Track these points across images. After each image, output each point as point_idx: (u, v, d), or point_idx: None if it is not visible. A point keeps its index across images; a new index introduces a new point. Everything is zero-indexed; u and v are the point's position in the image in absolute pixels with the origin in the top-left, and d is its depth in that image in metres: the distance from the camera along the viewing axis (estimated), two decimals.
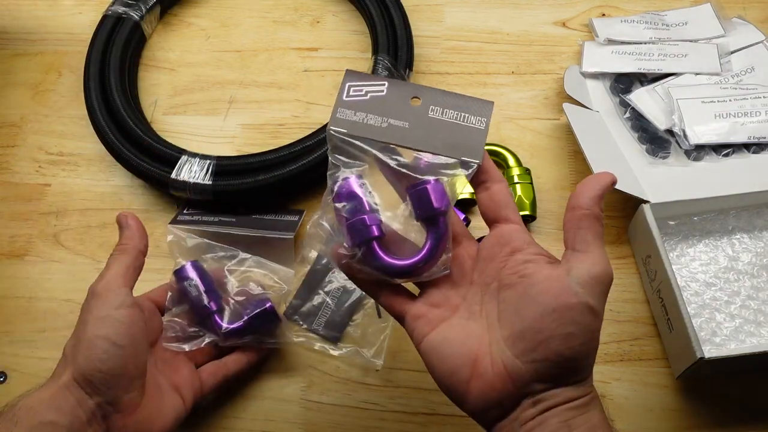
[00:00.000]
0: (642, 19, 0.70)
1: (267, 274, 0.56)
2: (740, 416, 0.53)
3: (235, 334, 0.52)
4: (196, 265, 0.53)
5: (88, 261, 0.62)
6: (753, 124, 0.61)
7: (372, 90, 0.43)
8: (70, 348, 0.44)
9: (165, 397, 0.48)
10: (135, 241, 0.47)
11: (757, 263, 0.57)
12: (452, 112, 0.43)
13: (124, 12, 0.70)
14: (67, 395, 0.41)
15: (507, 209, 0.41)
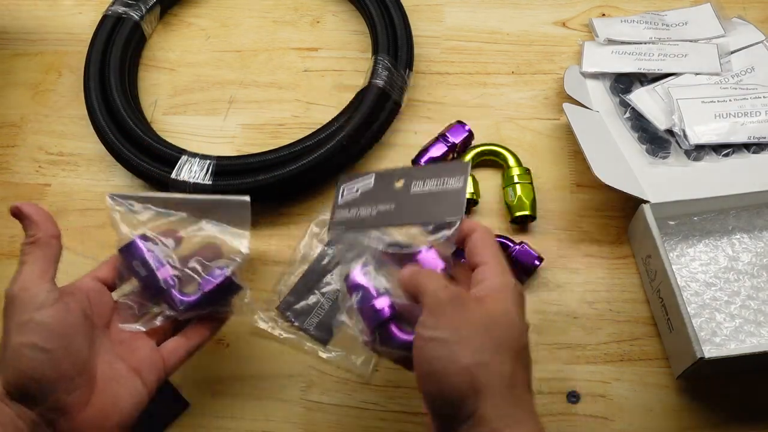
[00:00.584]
0: (642, 19, 0.70)
1: (223, 239, 0.50)
2: (740, 416, 0.53)
3: (194, 307, 0.48)
4: (145, 238, 0.48)
5: (88, 261, 0.62)
6: (753, 124, 0.61)
7: (362, 186, 0.48)
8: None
9: (122, 384, 0.44)
10: (42, 228, 0.44)
11: (757, 263, 0.57)
12: (432, 181, 0.46)
13: (124, 12, 0.70)
14: (3, 409, 0.39)
15: (477, 255, 0.42)
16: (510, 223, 0.60)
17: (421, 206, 0.45)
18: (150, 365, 0.46)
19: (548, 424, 0.53)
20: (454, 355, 0.37)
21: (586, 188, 0.63)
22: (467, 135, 0.63)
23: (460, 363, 0.36)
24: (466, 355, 0.37)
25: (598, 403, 0.53)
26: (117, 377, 0.44)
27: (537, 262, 0.57)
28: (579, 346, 0.56)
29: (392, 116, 0.65)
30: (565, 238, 0.60)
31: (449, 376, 0.36)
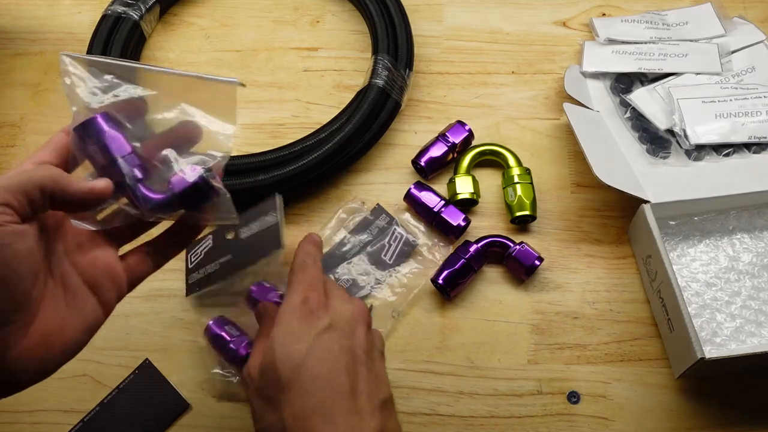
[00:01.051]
0: (642, 19, 0.70)
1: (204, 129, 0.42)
2: (741, 416, 0.53)
3: (162, 207, 0.39)
4: (107, 117, 0.38)
5: None
6: (754, 123, 0.61)
7: (204, 247, 0.57)
8: None
9: (72, 305, 0.37)
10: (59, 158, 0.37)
11: (757, 263, 0.57)
12: (255, 223, 0.54)
13: (124, 11, 0.69)
14: None
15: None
16: (510, 223, 0.60)
17: (250, 248, 0.52)
18: (110, 279, 0.38)
19: (548, 425, 0.53)
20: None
21: (586, 188, 0.63)
22: (467, 135, 0.63)
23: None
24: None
25: (598, 404, 0.53)
26: (68, 297, 0.36)
27: (537, 262, 0.57)
28: (579, 347, 0.55)
29: (392, 116, 0.65)
30: (565, 238, 0.60)
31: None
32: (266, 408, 0.39)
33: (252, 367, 0.41)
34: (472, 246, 0.57)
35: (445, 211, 0.59)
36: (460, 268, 0.56)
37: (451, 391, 0.55)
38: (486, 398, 0.54)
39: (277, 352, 0.39)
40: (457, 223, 0.58)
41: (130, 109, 0.39)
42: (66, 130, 0.38)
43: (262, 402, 0.39)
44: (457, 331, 0.57)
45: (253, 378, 0.41)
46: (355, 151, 0.62)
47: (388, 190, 0.63)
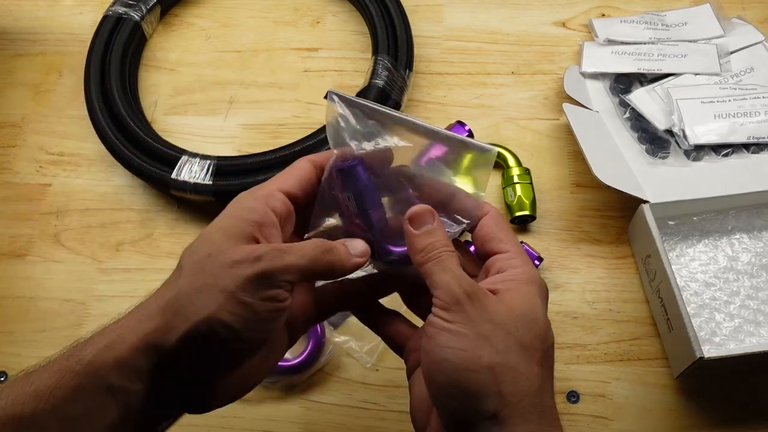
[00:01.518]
0: (642, 20, 0.70)
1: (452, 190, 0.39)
2: (740, 416, 0.53)
3: (402, 262, 0.39)
4: (365, 166, 0.37)
5: (89, 261, 0.62)
6: (752, 124, 0.61)
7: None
8: (179, 300, 0.33)
9: (273, 344, 0.37)
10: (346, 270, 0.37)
11: (756, 263, 0.57)
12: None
13: (125, 12, 0.70)
14: (152, 355, 0.33)
15: (492, 242, 0.38)
16: (510, 223, 0.60)
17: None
18: (303, 315, 0.39)
19: None
20: (475, 351, 0.33)
21: (586, 188, 0.63)
22: (467, 135, 0.63)
23: (481, 361, 0.33)
24: (489, 354, 0.33)
25: (597, 403, 0.53)
26: (272, 336, 0.36)
27: (537, 262, 0.57)
28: (579, 346, 0.56)
29: None
30: (565, 238, 0.60)
31: (468, 371, 0.33)
32: (511, 343, 0.34)
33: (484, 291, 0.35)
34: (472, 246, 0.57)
35: None
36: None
37: None
38: None
39: (541, 316, 0.35)
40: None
41: (380, 158, 0.38)
42: (311, 159, 0.38)
43: (505, 333, 0.34)
44: None
45: (492, 303, 0.35)
46: None
47: None
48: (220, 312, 0.32)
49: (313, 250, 0.35)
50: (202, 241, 0.35)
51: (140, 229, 0.63)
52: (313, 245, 0.35)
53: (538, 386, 0.33)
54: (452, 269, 0.35)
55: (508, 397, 0.32)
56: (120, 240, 0.63)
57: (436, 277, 0.35)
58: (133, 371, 0.32)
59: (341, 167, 0.37)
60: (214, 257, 0.33)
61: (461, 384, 0.33)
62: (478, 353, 0.33)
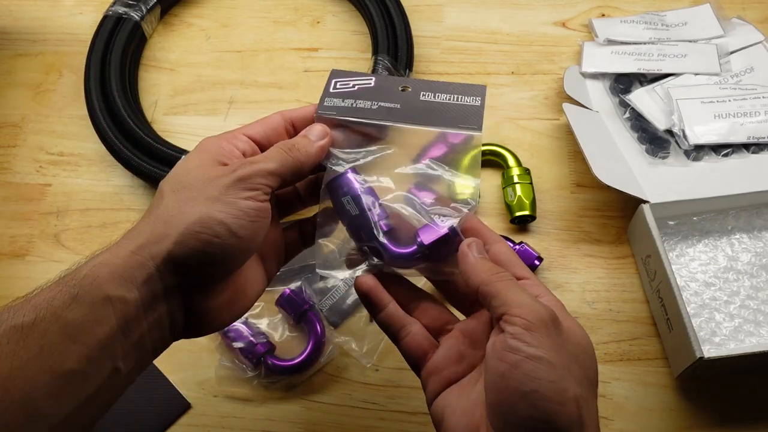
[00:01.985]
0: (642, 20, 0.70)
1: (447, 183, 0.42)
2: (740, 416, 0.53)
3: (407, 258, 0.40)
4: (357, 173, 0.41)
5: None
6: (752, 124, 0.61)
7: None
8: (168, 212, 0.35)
9: (251, 273, 0.40)
10: (311, 158, 0.39)
11: (756, 263, 0.57)
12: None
13: (125, 12, 0.70)
14: (147, 265, 0.34)
15: (515, 267, 0.39)
16: (510, 223, 0.60)
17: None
18: (275, 253, 0.42)
19: None
20: (561, 383, 0.32)
21: (586, 188, 0.63)
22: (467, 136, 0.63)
23: (568, 393, 0.32)
24: (573, 386, 0.32)
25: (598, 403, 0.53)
26: (249, 266, 0.40)
27: (537, 262, 0.57)
28: None
29: None
30: (565, 238, 0.60)
31: (558, 404, 0.32)
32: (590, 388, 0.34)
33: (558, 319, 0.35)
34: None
35: None
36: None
37: None
38: None
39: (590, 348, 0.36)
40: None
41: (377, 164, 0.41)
42: (282, 112, 0.42)
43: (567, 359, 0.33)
44: None
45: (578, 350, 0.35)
46: None
47: None
48: (210, 211, 0.35)
49: (279, 153, 0.38)
50: (178, 170, 0.38)
51: None
52: (277, 148, 0.39)
53: (597, 418, 0.34)
54: (529, 292, 0.35)
55: (588, 430, 0.32)
56: None
57: (516, 296, 0.34)
58: (128, 281, 0.33)
59: (335, 176, 0.40)
60: (193, 177, 0.36)
61: (551, 418, 0.32)
62: (565, 385, 0.32)
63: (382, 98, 0.42)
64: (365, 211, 0.40)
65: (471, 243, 0.38)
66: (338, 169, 0.40)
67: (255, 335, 0.55)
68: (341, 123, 0.41)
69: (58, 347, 0.31)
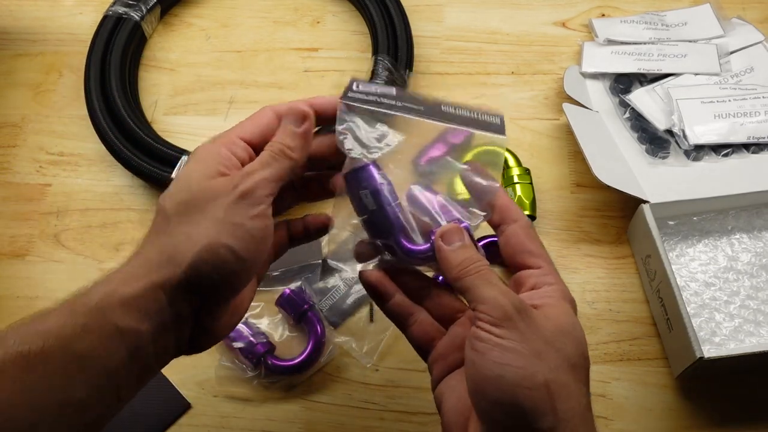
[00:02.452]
0: (642, 20, 0.70)
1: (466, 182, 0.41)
2: (740, 416, 0.53)
3: (421, 256, 0.40)
4: (379, 167, 0.40)
5: (89, 261, 0.62)
6: (752, 124, 0.61)
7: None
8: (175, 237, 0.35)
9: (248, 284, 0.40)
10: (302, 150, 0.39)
11: (756, 263, 0.57)
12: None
13: (125, 12, 0.70)
14: (158, 296, 0.34)
15: (523, 254, 0.38)
16: None
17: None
18: (266, 260, 0.42)
19: None
20: (530, 368, 0.33)
21: (586, 188, 0.63)
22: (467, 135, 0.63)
23: (537, 378, 0.33)
24: (543, 371, 0.33)
25: (597, 403, 0.53)
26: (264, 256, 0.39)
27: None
28: None
29: None
30: (565, 238, 0.60)
31: (525, 388, 0.32)
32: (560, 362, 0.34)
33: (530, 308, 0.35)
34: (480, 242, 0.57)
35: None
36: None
37: None
38: None
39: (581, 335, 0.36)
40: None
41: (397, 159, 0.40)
42: (274, 109, 0.40)
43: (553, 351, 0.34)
44: None
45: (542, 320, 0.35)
46: None
47: None
48: (219, 236, 0.35)
49: (272, 159, 0.38)
50: (179, 184, 0.37)
51: (140, 229, 0.63)
52: (270, 152, 0.38)
53: (585, 403, 0.34)
54: (497, 284, 0.35)
55: (561, 414, 0.33)
56: (120, 240, 0.63)
57: (481, 291, 0.35)
58: (140, 312, 0.33)
59: (356, 167, 0.39)
60: (195, 195, 0.36)
61: (518, 401, 0.32)
62: (534, 370, 0.33)
63: (405, 101, 0.41)
64: (383, 207, 0.39)
65: (445, 232, 0.38)
66: (359, 161, 0.39)
67: (255, 335, 0.55)
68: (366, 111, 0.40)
69: (66, 377, 0.31)
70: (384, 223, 0.39)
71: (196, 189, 0.36)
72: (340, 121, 0.39)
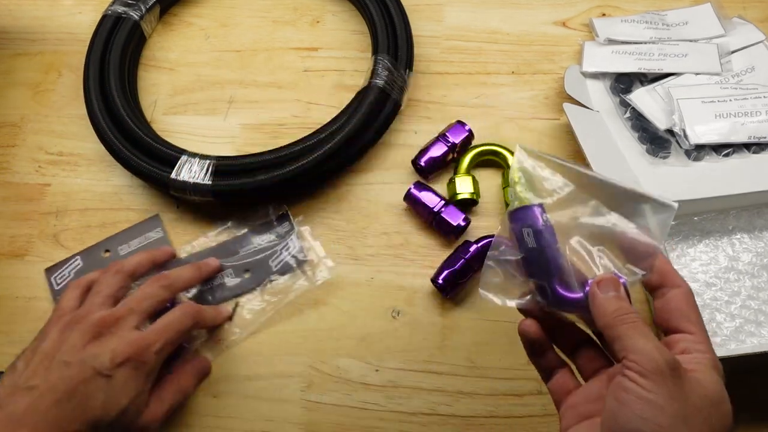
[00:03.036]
0: (642, 19, 0.70)
1: (630, 242, 0.41)
2: (740, 416, 0.52)
3: (571, 304, 0.40)
4: (543, 210, 0.41)
5: None
6: (753, 123, 0.61)
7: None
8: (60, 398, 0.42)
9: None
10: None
11: (757, 263, 0.57)
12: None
13: (124, 12, 0.70)
14: None
15: (680, 319, 0.38)
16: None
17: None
18: None
19: (549, 425, 0.53)
20: (670, 429, 0.32)
21: None
22: (467, 135, 0.63)
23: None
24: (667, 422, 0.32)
25: None
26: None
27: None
28: None
29: (392, 116, 0.65)
30: None
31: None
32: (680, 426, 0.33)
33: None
34: (472, 246, 0.57)
35: (445, 211, 0.59)
36: (460, 268, 0.56)
37: (451, 390, 0.55)
38: (486, 398, 0.54)
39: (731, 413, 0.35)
40: (457, 223, 0.58)
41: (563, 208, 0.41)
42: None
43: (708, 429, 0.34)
44: (457, 331, 0.57)
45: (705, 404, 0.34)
46: (355, 151, 0.62)
47: (388, 190, 0.63)
48: None
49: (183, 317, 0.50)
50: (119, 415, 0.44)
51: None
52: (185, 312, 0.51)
53: None
54: (652, 337, 0.35)
55: None
56: None
57: (634, 341, 0.34)
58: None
59: (523, 206, 0.41)
60: None
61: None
62: (674, 430, 0.32)
63: (577, 165, 0.42)
64: (543, 248, 0.40)
65: (601, 281, 0.38)
66: (527, 201, 0.41)
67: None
68: (541, 157, 0.42)
69: None
70: (542, 263, 0.40)
71: None
72: (517, 161, 0.41)
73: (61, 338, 0.45)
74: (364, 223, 0.62)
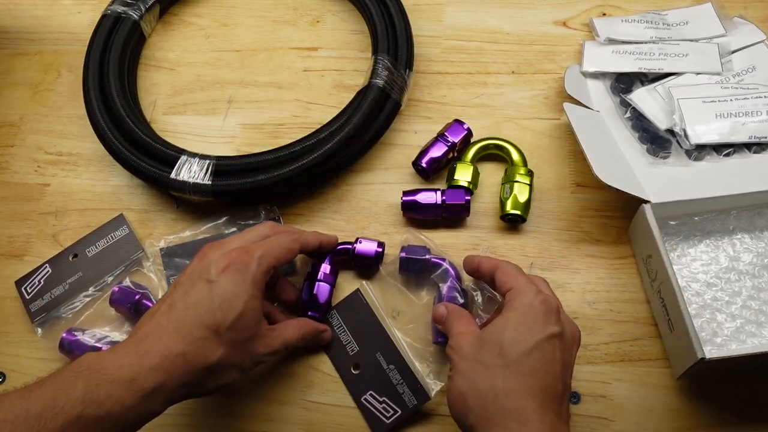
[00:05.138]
0: (643, 19, 0.70)
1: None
2: (741, 417, 0.52)
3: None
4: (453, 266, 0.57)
5: None
6: (754, 123, 0.61)
7: None
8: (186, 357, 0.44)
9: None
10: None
11: (758, 263, 0.57)
12: None
13: (124, 11, 0.69)
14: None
15: (506, 284, 0.49)
16: (500, 219, 0.60)
17: (104, 261, 0.60)
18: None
19: None
20: (454, 386, 0.45)
21: (586, 188, 0.62)
22: (466, 133, 0.63)
23: (454, 392, 0.45)
24: (459, 385, 0.45)
25: (598, 404, 0.53)
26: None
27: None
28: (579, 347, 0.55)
29: (392, 116, 0.64)
30: (565, 238, 0.60)
31: (450, 403, 0.45)
32: (476, 369, 0.44)
33: (467, 334, 0.47)
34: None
35: (447, 197, 0.59)
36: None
37: None
38: None
39: (507, 334, 0.44)
40: (463, 200, 0.59)
41: None
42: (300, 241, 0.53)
43: (471, 363, 0.45)
44: None
45: (467, 344, 0.46)
46: (355, 151, 0.62)
47: (388, 190, 0.63)
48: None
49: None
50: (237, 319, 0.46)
51: (139, 230, 0.63)
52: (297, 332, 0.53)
53: (496, 395, 0.42)
54: (462, 323, 0.49)
55: (476, 412, 0.43)
56: None
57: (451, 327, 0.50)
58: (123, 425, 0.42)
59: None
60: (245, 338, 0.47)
61: (453, 413, 0.46)
62: (456, 385, 0.45)
63: None
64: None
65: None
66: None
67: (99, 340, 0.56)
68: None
69: None
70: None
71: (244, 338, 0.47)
72: None
73: (196, 262, 0.49)
74: (364, 223, 0.62)
